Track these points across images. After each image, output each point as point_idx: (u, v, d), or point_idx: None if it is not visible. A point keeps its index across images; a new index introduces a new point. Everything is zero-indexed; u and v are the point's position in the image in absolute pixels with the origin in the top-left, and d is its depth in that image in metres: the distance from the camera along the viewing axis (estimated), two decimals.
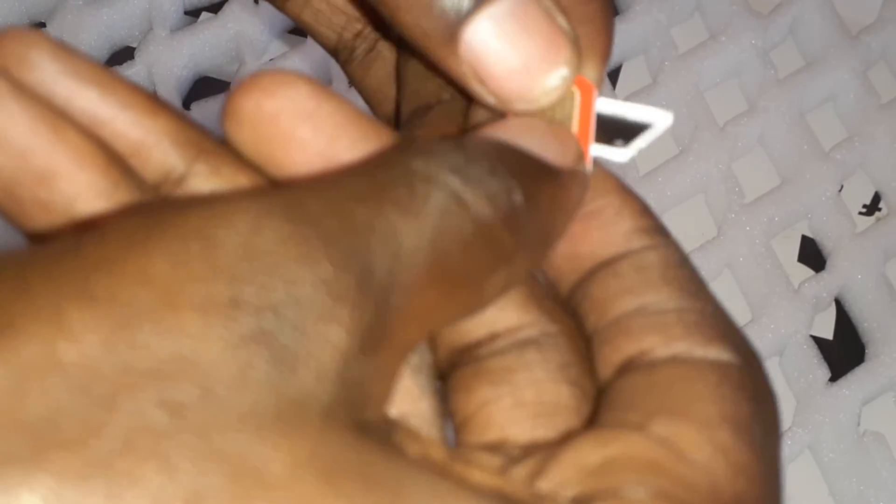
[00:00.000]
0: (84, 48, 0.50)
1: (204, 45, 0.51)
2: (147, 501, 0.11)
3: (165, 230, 0.12)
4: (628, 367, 0.16)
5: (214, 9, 0.52)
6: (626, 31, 0.51)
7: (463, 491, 0.12)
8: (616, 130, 0.19)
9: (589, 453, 0.14)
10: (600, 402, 0.16)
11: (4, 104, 0.15)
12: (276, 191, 0.14)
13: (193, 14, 0.53)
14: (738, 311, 0.46)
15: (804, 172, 0.47)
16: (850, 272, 0.45)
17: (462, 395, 0.16)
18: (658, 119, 0.19)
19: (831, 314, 0.46)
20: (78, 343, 0.11)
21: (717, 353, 0.16)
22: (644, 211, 0.18)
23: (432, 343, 0.17)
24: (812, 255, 0.47)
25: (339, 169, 0.16)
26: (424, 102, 0.21)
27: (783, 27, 0.52)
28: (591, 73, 0.19)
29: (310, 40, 0.50)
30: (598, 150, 0.19)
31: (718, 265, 0.46)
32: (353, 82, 0.25)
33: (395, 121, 0.23)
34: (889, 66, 0.52)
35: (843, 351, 0.45)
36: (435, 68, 0.19)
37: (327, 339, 0.12)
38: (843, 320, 0.46)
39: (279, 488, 0.11)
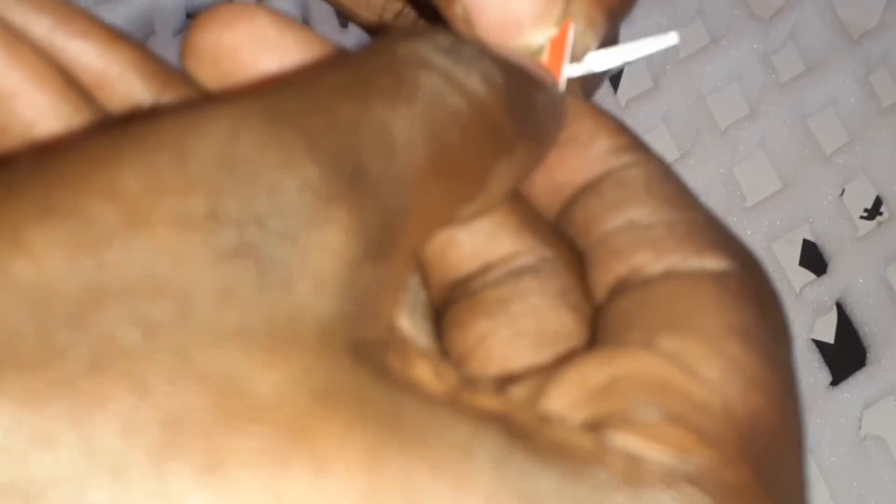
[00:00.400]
0: None
1: None
2: (117, 424, 0.10)
3: (134, 142, 0.11)
4: (622, 287, 0.15)
5: None
6: (628, 35, 0.51)
7: (463, 416, 0.12)
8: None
9: (593, 372, 0.13)
10: (597, 325, 0.15)
11: None
12: (254, 93, 0.13)
13: (196, 17, 0.53)
14: None
15: (805, 176, 0.47)
16: (851, 276, 0.45)
17: (458, 332, 0.15)
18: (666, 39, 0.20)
19: (832, 318, 0.46)
20: (37, 261, 0.10)
21: (714, 261, 0.15)
22: (620, 129, 0.17)
23: (425, 280, 0.16)
24: (813, 258, 0.48)
25: (318, 64, 0.15)
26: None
27: (784, 31, 0.52)
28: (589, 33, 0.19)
29: None
30: (652, 45, 0.19)
31: None
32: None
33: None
34: (891, 71, 0.52)
35: (845, 355, 0.45)
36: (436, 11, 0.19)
37: (324, 244, 0.11)
38: (845, 324, 0.46)
39: (267, 410, 0.10)
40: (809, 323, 0.44)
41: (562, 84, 0.18)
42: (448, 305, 0.16)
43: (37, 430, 0.09)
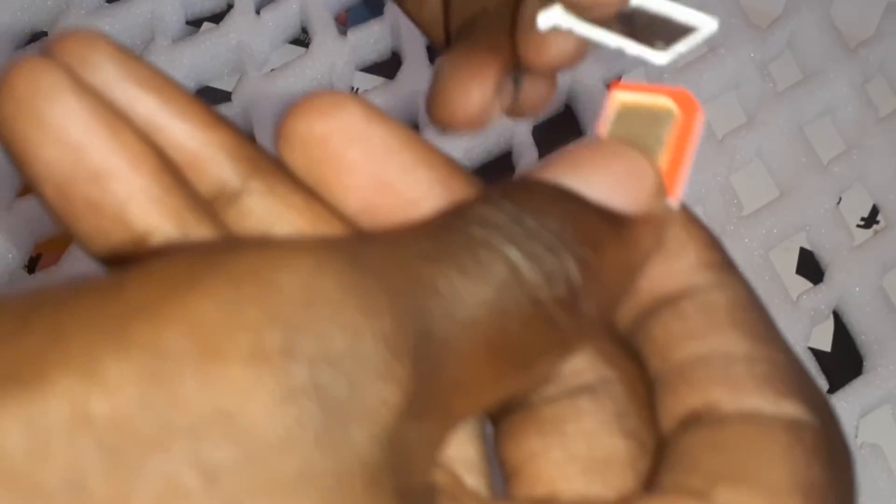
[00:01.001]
0: None
1: (205, 55, 0.51)
2: None
3: (216, 271, 0.12)
4: (693, 421, 0.15)
5: (216, 19, 0.53)
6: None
7: None
8: (657, 31, 0.19)
9: None
10: (661, 457, 0.15)
11: (64, 100, 0.14)
12: (338, 239, 0.13)
13: (195, 24, 0.53)
14: None
15: (802, 185, 0.47)
16: (848, 284, 0.45)
17: (511, 444, 0.15)
18: (703, 23, 0.19)
19: (829, 326, 0.46)
20: (112, 397, 0.11)
21: (790, 409, 0.14)
22: (711, 243, 0.16)
23: None
24: (810, 267, 0.48)
25: (398, 228, 0.15)
26: (470, 14, 0.21)
27: (781, 40, 0.52)
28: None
29: (311, 50, 0.50)
30: (635, 50, 0.18)
31: None
32: (409, 17, 0.25)
33: (447, 43, 0.24)
34: (887, 80, 0.52)
35: (841, 363, 0.45)
36: None
37: (383, 397, 0.12)
38: (841, 332, 0.46)
39: None
40: (806, 331, 0.44)
41: (676, 197, 0.16)
42: (505, 413, 0.16)
43: None
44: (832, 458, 0.14)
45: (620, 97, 0.17)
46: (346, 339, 0.11)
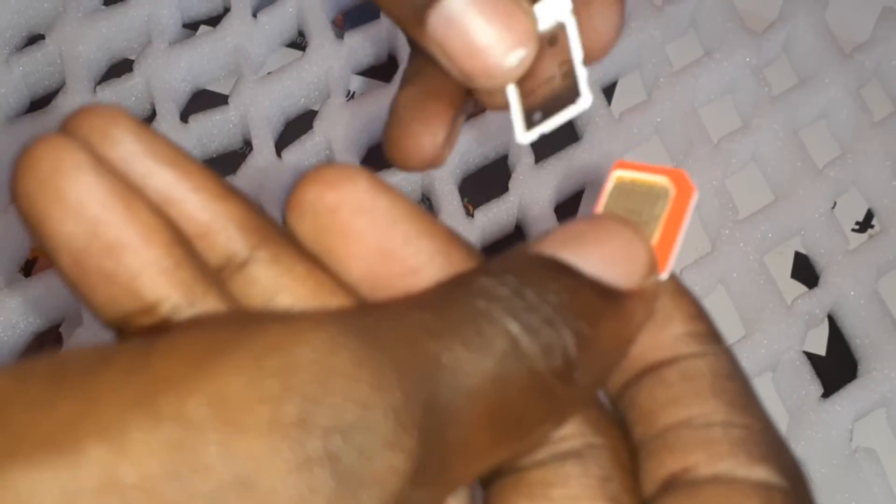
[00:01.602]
0: (83, 60, 0.50)
1: (202, 58, 0.51)
2: None
3: (240, 345, 0.13)
4: (672, 484, 0.16)
5: (213, 22, 0.53)
6: (621, 48, 0.51)
7: None
8: (546, 101, 0.21)
9: None
10: None
11: (83, 175, 0.15)
12: (348, 314, 0.14)
13: (192, 27, 0.53)
14: (732, 327, 0.46)
15: (797, 189, 0.48)
16: (842, 288, 0.46)
17: None
18: (583, 99, 0.20)
19: (824, 330, 0.46)
20: (139, 465, 0.11)
21: (763, 474, 0.15)
22: (697, 315, 0.17)
23: None
24: (805, 271, 0.48)
25: (405, 299, 0.16)
26: None
27: (777, 45, 0.52)
28: (609, 17, 0.21)
29: (308, 53, 0.50)
30: (514, 116, 0.20)
31: (712, 281, 0.46)
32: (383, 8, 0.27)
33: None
34: (882, 84, 0.52)
35: (836, 367, 0.45)
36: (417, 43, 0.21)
37: (392, 466, 0.12)
38: (836, 336, 0.46)
39: None
40: (801, 335, 0.45)
41: (667, 271, 0.17)
42: (495, 477, 0.17)
43: None
44: None
45: (619, 174, 0.18)
46: (358, 412, 0.12)
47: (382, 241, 0.16)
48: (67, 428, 0.11)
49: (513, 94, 0.21)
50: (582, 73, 0.20)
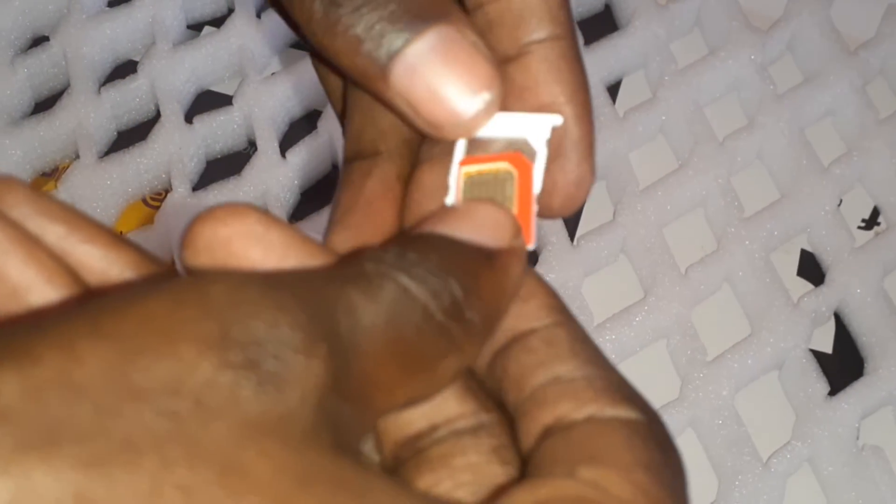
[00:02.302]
0: (87, 62, 0.50)
1: (206, 59, 0.51)
2: (144, 485, 0.13)
3: (162, 287, 0.15)
4: (548, 434, 0.18)
5: (217, 23, 0.53)
6: (626, 46, 0.51)
7: (424, 500, 0.15)
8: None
9: (523, 499, 0.16)
10: (526, 468, 0.18)
11: None
12: (249, 272, 0.16)
13: (196, 28, 0.53)
14: (738, 325, 0.46)
15: (803, 187, 0.47)
16: (849, 286, 0.45)
17: (408, 484, 0.18)
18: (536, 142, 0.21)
19: (830, 328, 0.46)
20: (88, 367, 0.13)
21: (626, 411, 0.18)
22: (551, 292, 0.20)
23: (378, 442, 0.19)
24: (811, 269, 0.48)
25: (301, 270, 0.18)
26: (364, 148, 0.23)
27: (782, 42, 0.52)
28: (583, 171, 0.21)
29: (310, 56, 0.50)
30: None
31: (718, 279, 0.46)
32: (322, 84, 0.26)
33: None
34: (888, 82, 0.52)
35: (842, 365, 0.45)
36: (378, 100, 0.21)
37: (308, 369, 0.14)
38: (843, 334, 0.46)
39: (261, 486, 0.13)
40: (807, 333, 0.44)
41: (530, 237, 0.20)
42: (400, 465, 0.19)
43: (83, 490, 0.12)
44: (663, 445, 0.18)
45: (465, 170, 0.21)
46: (268, 329, 0.14)
47: (277, 266, 0.18)
48: (22, 342, 0.13)
49: (454, 178, 0.21)
50: (535, 210, 0.20)
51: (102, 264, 0.18)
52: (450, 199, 0.21)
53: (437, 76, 0.20)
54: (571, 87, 0.21)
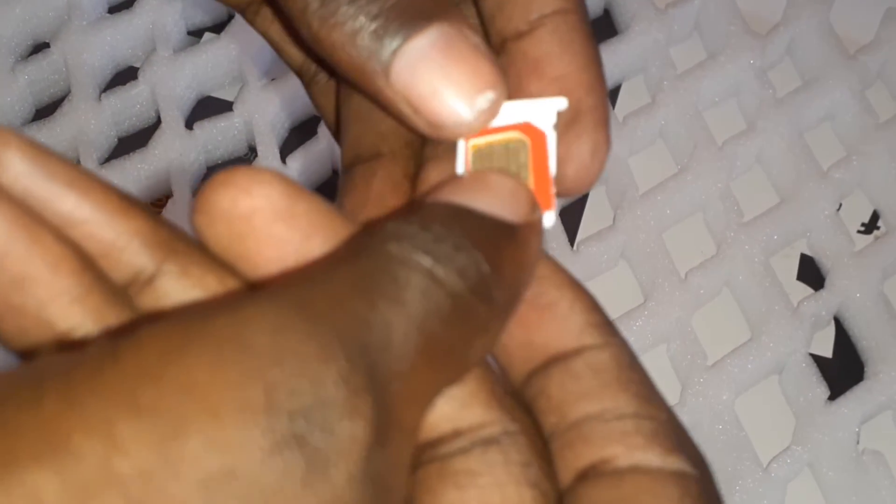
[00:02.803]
0: (88, 68, 0.50)
1: (207, 65, 0.51)
2: None
3: (200, 336, 0.13)
4: (590, 474, 0.17)
5: (217, 29, 0.53)
6: (625, 51, 0.51)
7: None
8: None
9: None
10: None
11: None
12: (284, 289, 0.15)
13: (196, 34, 0.53)
14: (738, 330, 0.46)
15: (802, 191, 0.48)
16: (848, 290, 0.45)
17: (428, 497, 0.17)
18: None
19: (830, 332, 0.46)
20: (131, 457, 0.12)
21: (677, 463, 0.17)
22: (595, 307, 0.19)
23: None
24: (811, 273, 0.48)
25: (324, 259, 0.16)
26: (364, 152, 0.22)
27: (781, 47, 0.52)
28: (597, 145, 0.20)
29: None
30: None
31: (717, 283, 0.46)
32: (314, 104, 0.25)
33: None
34: (887, 86, 0.52)
35: (843, 369, 0.45)
36: (375, 100, 0.20)
37: (353, 435, 0.13)
38: (843, 338, 0.46)
39: None
40: (807, 337, 0.44)
41: (550, 208, 0.19)
42: (419, 466, 0.17)
43: None
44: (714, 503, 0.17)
45: (473, 142, 0.20)
46: (314, 390, 0.13)
47: (301, 246, 0.16)
48: (57, 426, 0.12)
49: (462, 150, 0.20)
50: (553, 190, 0.19)
51: (109, 234, 0.16)
52: (460, 169, 0.20)
53: (439, 74, 0.19)
54: (583, 58, 0.20)
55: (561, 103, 0.20)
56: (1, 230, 0.15)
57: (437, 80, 0.19)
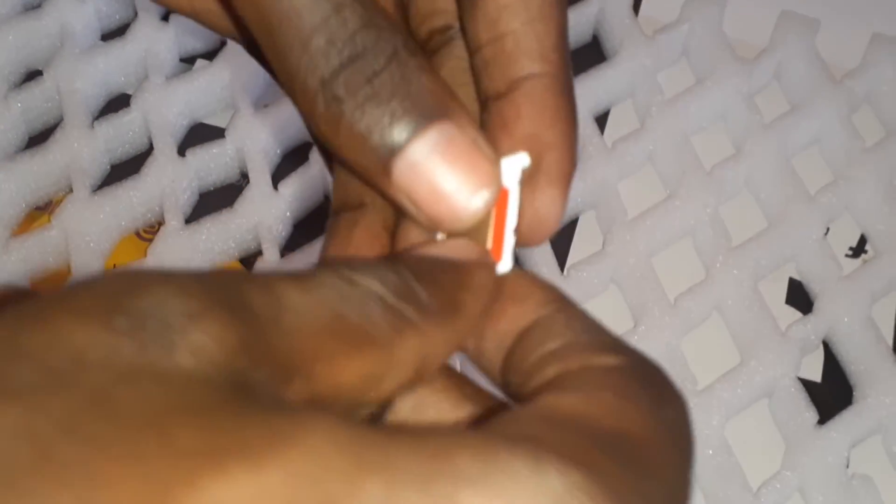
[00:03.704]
0: (81, 96, 0.51)
1: (199, 92, 0.51)
2: (18, 419, 0.13)
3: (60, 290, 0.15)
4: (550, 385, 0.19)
5: (210, 56, 0.53)
6: (614, 77, 0.52)
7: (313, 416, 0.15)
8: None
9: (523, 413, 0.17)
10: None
11: None
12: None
13: (189, 61, 0.54)
14: (727, 354, 0.46)
15: (790, 215, 0.48)
16: (837, 314, 0.46)
17: None
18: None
19: (819, 356, 0.47)
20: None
21: (613, 359, 0.19)
22: (547, 286, 0.21)
23: None
24: (799, 297, 0.48)
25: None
26: (350, 200, 0.23)
27: (768, 72, 0.52)
28: (551, 201, 0.22)
29: None
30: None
31: (707, 308, 0.46)
32: (310, 132, 0.27)
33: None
34: (873, 110, 0.53)
35: (832, 393, 0.46)
36: (377, 191, 0.22)
37: (203, 329, 0.15)
38: (831, 362, 0.46)
39: (132, 413, 0.14)
40: (796, 361, 0.45)
41: (506, 259, 0.21)
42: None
43: None
44: (652, 383, 0.19)
45: None
46: (159, 300, 0.15)
47: None
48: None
49: None
50: (510, 241, 0.21)
51: None
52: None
53: (438, 175, 0.20)
54: (552, 119, 0.22)
55: (524, 160, 0.21)
56: None
57: (437, 180, 0.20)
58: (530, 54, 0.22)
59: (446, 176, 0.20)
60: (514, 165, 0.21)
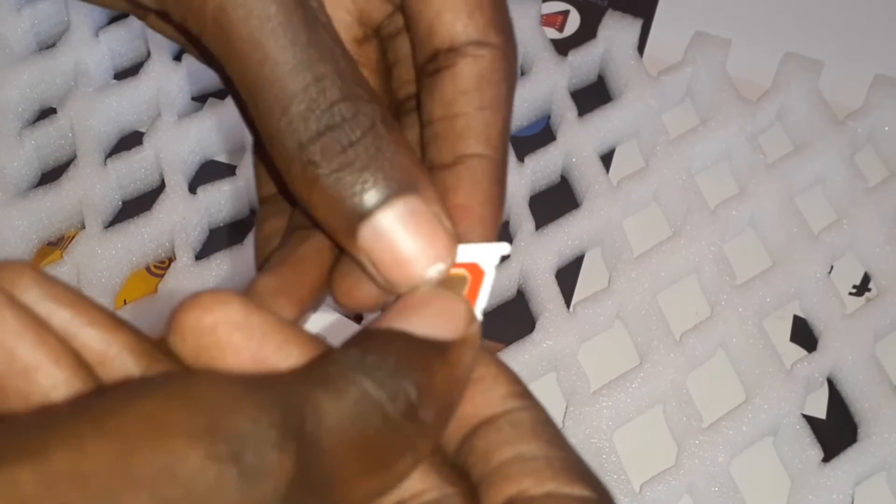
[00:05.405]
0: (93, 134, 0.51)
1: (210, 131, 0.52)
2: None
3: (155, 385, 0.16)
4: None
5: (221, 94, 0.54)
6: (619, 117, 0.52)
7: None
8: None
9: None
10: None
11: (2, 311, 0.18)
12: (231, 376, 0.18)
13: (200, 99, 0.55)
14: (732, 392, 0.46)
15: (794, 254, 0.48)
16: (841, 352, 0.46)
17: None
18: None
19: (824, 394, 0.47)
20: (93, 460, 0.15)
21: (580, 490, 0.20)
22: (516, 379, 0.22)
23: None
24: (804, 334, 0.48)
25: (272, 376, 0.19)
26: (305, 222, 0.25)
27: (771, 113, 0.53)
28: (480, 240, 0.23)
29: None
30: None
31: (712, 345, 0.47)
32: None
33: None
34: (876, 150, 0.53)
35: (836, 430, 0.46)
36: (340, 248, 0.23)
37: (280, 464, 0.16)
38: (836, 400, 0.47)
39: None
40: (801, 399, 0.45)
41: (478, 315, 0.22)
42: None
43: None
44: None
45: None
46: (249, 424, 0.16)
47: (257, 352, 0.19)
48: (39, 439, 0.15)
49: None
50: (478, 319, 0.22)
51: (102, 346, 0.20)
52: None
53: (399, 244, 0.22)
54: (484, 195, 0.24)
55: (504, 248, 0.23)
56: (14, 329, 0.18)
57: (398, 249, 0.22)
58: (478, 137, 0.24)
59: (407, 245, 0.22)
60: (495, 252, 0.23)
